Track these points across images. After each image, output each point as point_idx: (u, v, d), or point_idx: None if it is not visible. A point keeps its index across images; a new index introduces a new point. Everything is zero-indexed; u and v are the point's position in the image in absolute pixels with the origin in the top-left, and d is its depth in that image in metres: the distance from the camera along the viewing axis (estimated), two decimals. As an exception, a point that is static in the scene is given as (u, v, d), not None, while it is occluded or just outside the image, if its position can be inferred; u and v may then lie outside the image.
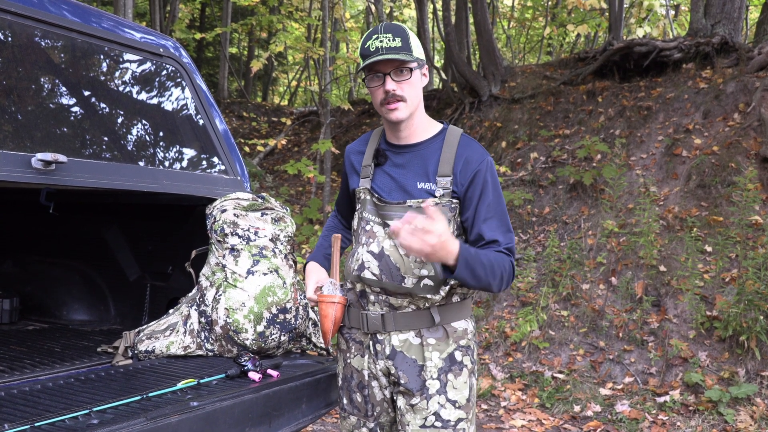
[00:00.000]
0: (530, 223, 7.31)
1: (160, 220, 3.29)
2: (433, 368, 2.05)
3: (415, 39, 2.08)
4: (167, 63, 2.97)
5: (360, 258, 2.09)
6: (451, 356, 2.07)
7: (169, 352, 2.59)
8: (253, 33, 16.64)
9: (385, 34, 2.01)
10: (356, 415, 2.19)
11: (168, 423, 1.82)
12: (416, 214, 1.84)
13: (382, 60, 1.99)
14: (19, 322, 3.40)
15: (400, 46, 2.00)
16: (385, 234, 2.06)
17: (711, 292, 5.43)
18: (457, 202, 2.05)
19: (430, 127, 2.15)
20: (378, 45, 2.01)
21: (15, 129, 2.30)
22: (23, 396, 2.10)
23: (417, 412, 2.06)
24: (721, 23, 8.90)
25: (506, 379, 5.34)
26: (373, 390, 2.14)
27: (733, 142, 6.86)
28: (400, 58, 1.98)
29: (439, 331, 2.07)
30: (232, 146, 3.07)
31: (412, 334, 2.07)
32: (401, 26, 2.06)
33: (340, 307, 2.11)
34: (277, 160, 11.87)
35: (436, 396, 2.06)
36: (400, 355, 2.07)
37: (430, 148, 2.10)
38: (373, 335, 2.11)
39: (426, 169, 2.07)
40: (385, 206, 2.08)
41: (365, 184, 2.15)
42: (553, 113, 8.93)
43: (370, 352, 2.12)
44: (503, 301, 6.27)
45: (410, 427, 2.07)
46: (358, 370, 2.16)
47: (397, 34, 2.02)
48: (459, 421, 2.07)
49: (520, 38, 16.61)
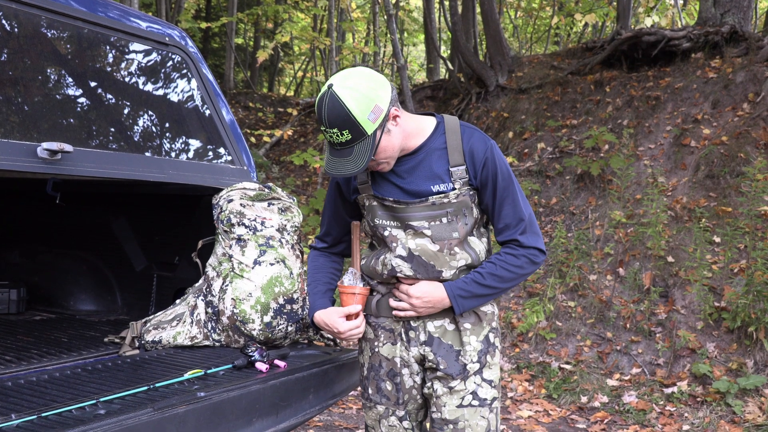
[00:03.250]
0: (537, 213, 7.28)
1: (166, 211, 3.28)
2: (473, 351, 2.09)
3: (364, 102, 1.85)
4: (173, 52, 2.96)
5: (389, 263, 2.08)
6: (486, 338, 2.12)
7: (176, 343, 2.59)
8: (259, 23, 16.59)
9: (332, 129, 1.86)
10: (385, 404, 2.19)
11: (175, 413, 1.82)
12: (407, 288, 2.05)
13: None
14: (26, 313, 3.41)
15: (351, 138, 1.86)
16: (407, 235, 2.06)
17: (719, 283, 5.40)
18: (474, 191, 2.06)
19: (424, 127, 2.09)
20: (329, 139, 1.90)
21: (21, 119, 2.29)
22: (30, 386, 2.10)
23: (454, 394, 2.09)
24: (731, 12, 8.81)
25: (513, 370, 5.34)
26: (404, 378, 2.15)
27: (743, 132, 6.81)
28: (357, 170, 1.88)
29: (471, 316, 2.11)
30: (239, 136, 3.06)
31: (447, 320, 2.10)
32: (342, 109, 1.84)
33: (361, 297, 2.14)
34: (283, 151, 11.85)
35: (473, 376, 2.09)
36: (437, 341, 2.09)
37: (433, 146, 2.06)
38: (406, 322, 2.12)
39: (436, 169, 2.04)
40: (406, 207, 2.04)
41: (366, 190, 2.11)
42: (561, 103, 8.88)
43: (402, 340, 2.13)
44: (510, 291, 6.26)
45: (447, 407, 2.09)
46: (388, 358, 2.16)
47: (343, 125, 1.84)
48: (494, 399, 2.13)
49: (527, 28, 16.51)
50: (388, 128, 1.93)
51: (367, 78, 1.91)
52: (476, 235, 2.11)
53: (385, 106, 1.90)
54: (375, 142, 1.89)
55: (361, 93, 1.86)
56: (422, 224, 2.03)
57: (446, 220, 2.01)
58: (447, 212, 2.01)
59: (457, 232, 2.03)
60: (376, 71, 1.99)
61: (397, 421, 2.18)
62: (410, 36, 19.19)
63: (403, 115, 1.99)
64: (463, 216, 2.04)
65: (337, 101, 1.85)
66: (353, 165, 1.89)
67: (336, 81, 1.89)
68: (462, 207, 2.02)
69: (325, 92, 1.88)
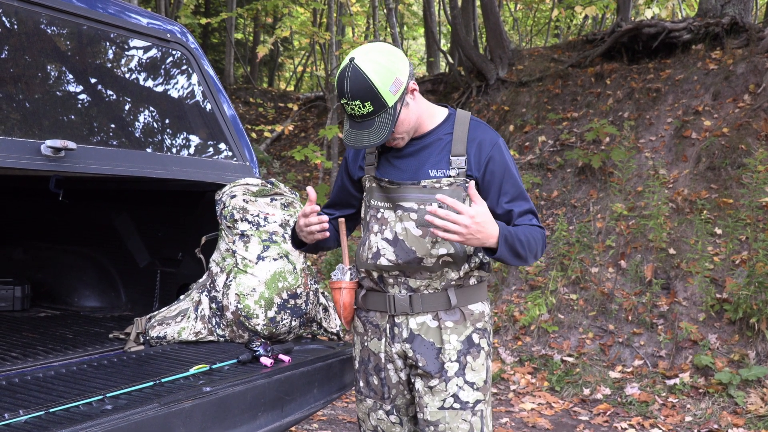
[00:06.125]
0: (539, 206, 7.28)
1: (169, 207, 3.29)
2: (451, 351, 2.06)
3: (385, 75, 1.89)
4: (174, 48, 2.96)
5: (374, 246, 2.08)
6: (468, 339, 2.09)
7: (181, 338, 2.60)
8: (258, 18, 16.57)
9: (354, 102, 1.89)
10: (373, 397, 2.20)
11: (181, 408, 1.83)
12: (447, 198, 1.84)
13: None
14: (31, 309, 3.43)
15: (373, 110, 1.89)
16: (397, 217, 2.06)
17: (721, 274, 5.41)
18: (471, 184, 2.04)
19: (435, 115, 2.12)
20: (351, 112, 1.92)
21: (24, 116, 2.30)
22: (37, 382, 2.11)
23: (435, 394, 2.07)
24: (731, 3, 8.78)
25: (515, 363, 5.35)
26: (389, 372, 2.15)
27: (743, 124, 6.80)
28: (379, 141, 1.91)
29: (456, 314, 2.08)
30: (241, 132, 3.06)
31: (429, 317, 2.08)
32: (365, 82, 1.87)
33: (347, 291, 2.13)
34: (284, 146, 11.85)
35: (454, 378, 2.07)
36: (418, 338, 2.08)
37: (440, 135, 2.09)
38: (391, 318, 2.11)
39: (437, 156, 2.06)
40: (399, 188, 2.06)
41: (370, 171, 2.13)
42: (561, 96, 8.87)
43: (386, 335, 2.13)
44: (512, 284, 6.27)
45: (428, 408, 2.08)
46: (374, 353, 2.16)
47: (365, 96, 1.87)
48: (477, 402, 2.09)
49: (527, 21, 16.47)
50: (406, 101, 1.98)
51: (387, 52, 1.95)
52: None
53: (404, 79, 1.94)
54: (396, 114, 1.93)
55: (382, 66, 1.89)
56: (411, 206, 2.03)
57: (436, 206, 2.00)
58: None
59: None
60: (393, 46, 2.04)
61: (385, 414, 2.19)
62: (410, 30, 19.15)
63: (417, 94, 2.03)
64: None
65: (360, 73, 1.88)
66: (375, 136, 1.92)
67: (357, 54, 1.92)
68: (454, 196, 2.01)
69: (347, 65, 1.90)
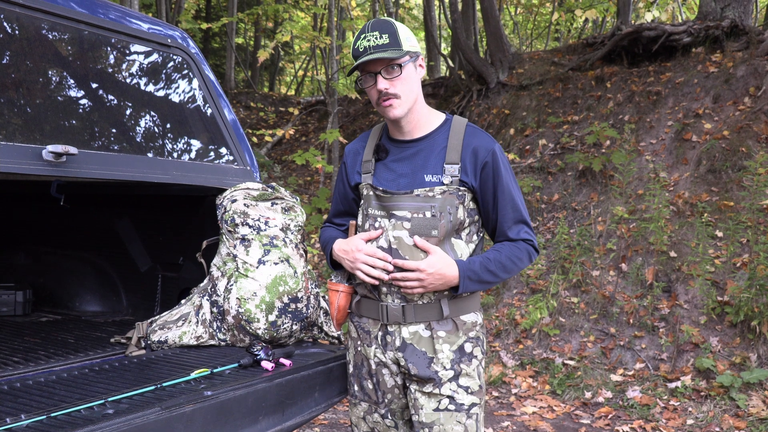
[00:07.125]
0: (539, 210, 7.29)
1: (170, 211, 3.30)
2: (445, 359, 2.08)
3: (406, 31, 2.06)
4: (175, 54, 2.97)
5: None
6: (461, 348, 2.10)
7: (182, 342, 2.60)
8: (259, 23, 16.61)
9: (372, 33, 2.02)
10: (367, 401, 2.21)
11: (182, 412, 1.83)
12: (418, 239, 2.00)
13: (371, 60, 2.00)
14: (33, 314, 3.43)
15: (388, 43, 2.01)
16: (391, 225, 2.07)
17: (722, 277, 5.41)
18: (464, 190, 2.06)
19: (433, 119, 2.15)
20: (366, 44, 2.02)
21: (25, 121, 2.31)
22: (39, 387, 2.12)
23: (432, 397, 2.09)
24: (731, 6, 8.80)
25: (517, 366, 5.35)
26: (384, 377, 2.16)
27: (744, 127, 6.81)
28: (388, 56, 1.99)
29: (449, 323, 2.09)
30: (241, 136, 3.07)
31: (422, 327, 2.09)
32: (388, 21, 2.05)
33: (344, 295, 2.18)
34: (285, 150, 11.86)
35: (448, 383, 2.08)
36: (411, 347, 2.09)
37: (435, 140, 2.11)
38: (383, 327, 2.12)
39: (432, 161, 2.08)
40: (392, 197, 2.08)
41: (367, 179, 2.15)
42: (562, 99, 8.88)
43: (378, 343, 2.14)
44: (513, 288, 6.27)
45: (424, 410, 2.09)
46: (367, 358, 2.18)
47: (384, 30, 2.02)
48: (473, 405, 2.11)
49: (527, 24, 16.51)
50: (415, 66, 2.08)
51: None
52: (464, 239, 2.10)
53: (418, 48, 2.09)
54: (406, 59, 2.04)
55: (405, 27, 2.09)
56: (405, 214, 2.05)
57: (429, 214, 2.02)
58: (431, 206, 2.03)
59: (436, 230, 2.03)
60: None
61: (380, 417, 2.21)
62: (410, 34, 19.16)
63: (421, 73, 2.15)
64: (447, 214, 2.04)
65: (384, 18, 2.09)
66: (392, 52, 2.00)
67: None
68: (447, 204, 2.03)
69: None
